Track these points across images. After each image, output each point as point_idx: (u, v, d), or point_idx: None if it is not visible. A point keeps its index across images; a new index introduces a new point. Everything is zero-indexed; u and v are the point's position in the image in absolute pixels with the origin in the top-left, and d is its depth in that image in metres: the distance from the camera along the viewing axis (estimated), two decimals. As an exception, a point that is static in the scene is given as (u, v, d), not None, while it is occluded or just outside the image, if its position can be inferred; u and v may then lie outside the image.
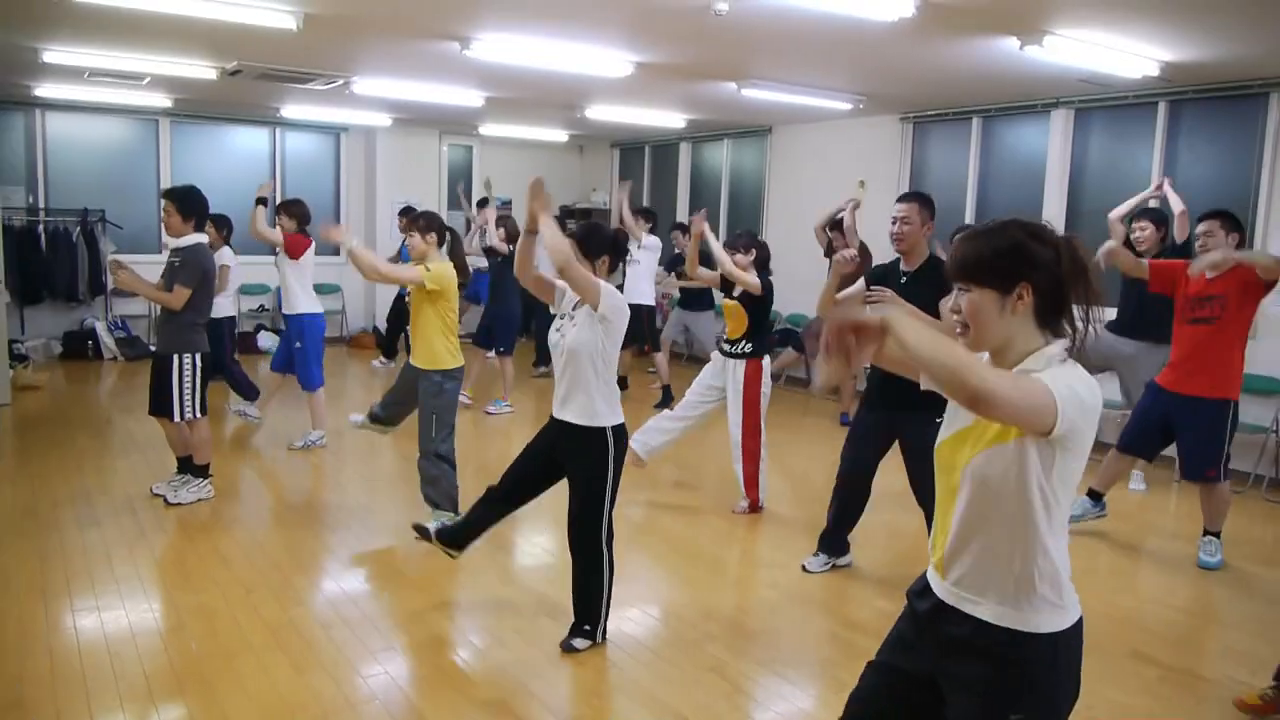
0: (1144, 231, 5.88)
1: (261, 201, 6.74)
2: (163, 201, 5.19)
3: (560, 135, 12.03)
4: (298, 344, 6.54)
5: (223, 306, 7.40)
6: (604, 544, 3.55)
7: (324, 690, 3.32)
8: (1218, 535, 4.87)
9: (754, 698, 3.41)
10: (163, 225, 5.24)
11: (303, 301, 6.57)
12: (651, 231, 8.80)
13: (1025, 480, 1.70)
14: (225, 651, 3.58)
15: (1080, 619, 1.80)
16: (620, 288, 8.74)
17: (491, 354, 7.95)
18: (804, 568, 4.62)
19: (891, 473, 4.50)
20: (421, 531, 4.20)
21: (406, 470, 5.57)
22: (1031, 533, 1.73)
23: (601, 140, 12.87)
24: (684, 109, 9.47)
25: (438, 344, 4.73)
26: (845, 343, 1.58)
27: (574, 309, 3.58)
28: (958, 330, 1.81)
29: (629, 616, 4.00)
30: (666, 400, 8.24)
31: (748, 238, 5.39)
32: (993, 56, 6.15)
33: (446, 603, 4.14)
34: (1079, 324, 1.79)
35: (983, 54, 6.10)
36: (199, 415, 5.21)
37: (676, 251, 9.19)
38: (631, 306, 8.75)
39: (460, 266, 4.84)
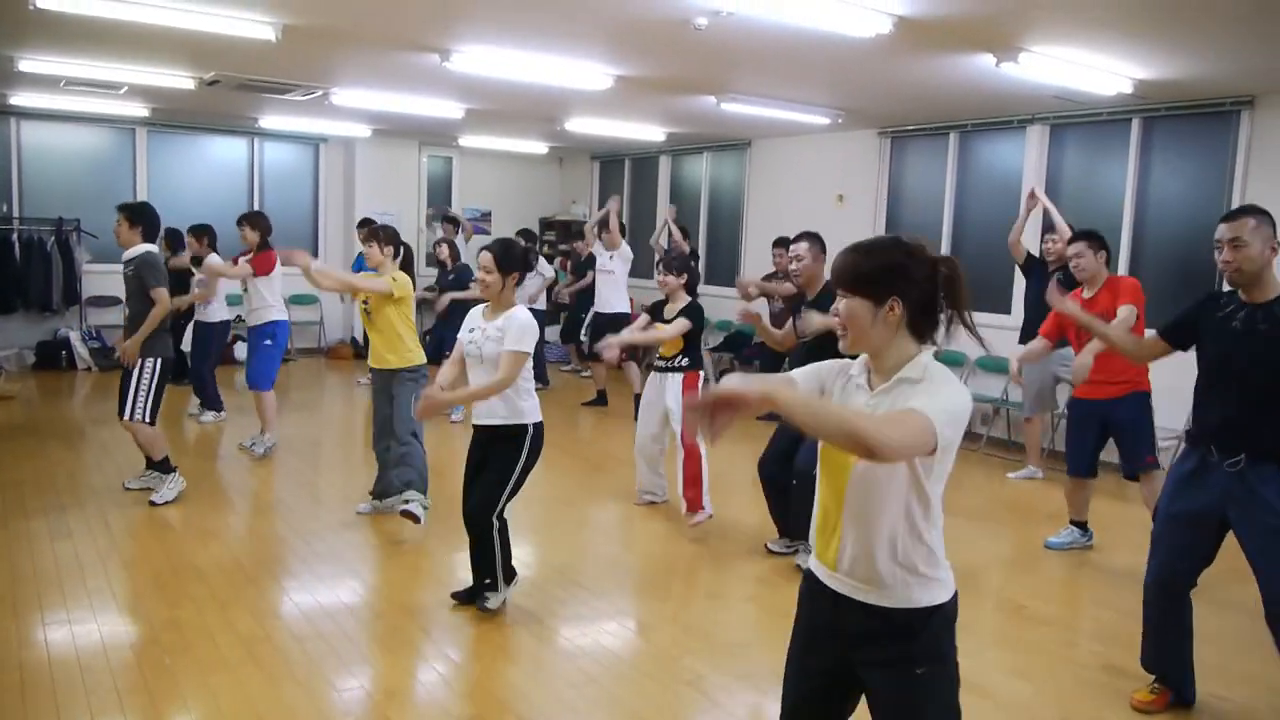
0: (1054, 245, 6.32)
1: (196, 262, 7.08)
2: (115, 216, 5.36)
3: (540, 147, 12.05)
4: (268, 341, 6.58)
5: (217, 311, 7.45)
6: (496, 519, 3.96)
7: (298, 704, 3.29)
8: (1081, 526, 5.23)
9: (732, 712, 3.41)
10: (116, 237, 5.41)
11: (274, 311, 6.63)
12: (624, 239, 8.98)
13: (907, 481, 1.92)
14: (199, 665, 3.54)
15: (955, 591, 2.03)
16: (593, 296, 8.92)
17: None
18: (797, 566, 4.69)
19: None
20: (460, 598, 4.22)
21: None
22: (912, 525, 1.95)
23: (581, 152, 12.89)
24: (664, 122, 9.50)
25: (404, 341, 5.12)
26: (720, 413, 1.69)
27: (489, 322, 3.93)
28: (839, 330, 1.99)
29: (607, 630, 4.00)
30: (602, 401, 8.59)
31: (679, 262, 5.48)
32: (969, 73, 6.21)
33: (422, 615, 4.11)
34: (949, 329, 1.99)
35: (959, 70, 6.17)
36: (147, 420, 5.29)
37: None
38: (606, 315, 8.83)
39: (411, 277, 5.29)
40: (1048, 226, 6.65)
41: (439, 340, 8.06)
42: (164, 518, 5.24)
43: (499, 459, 3.90)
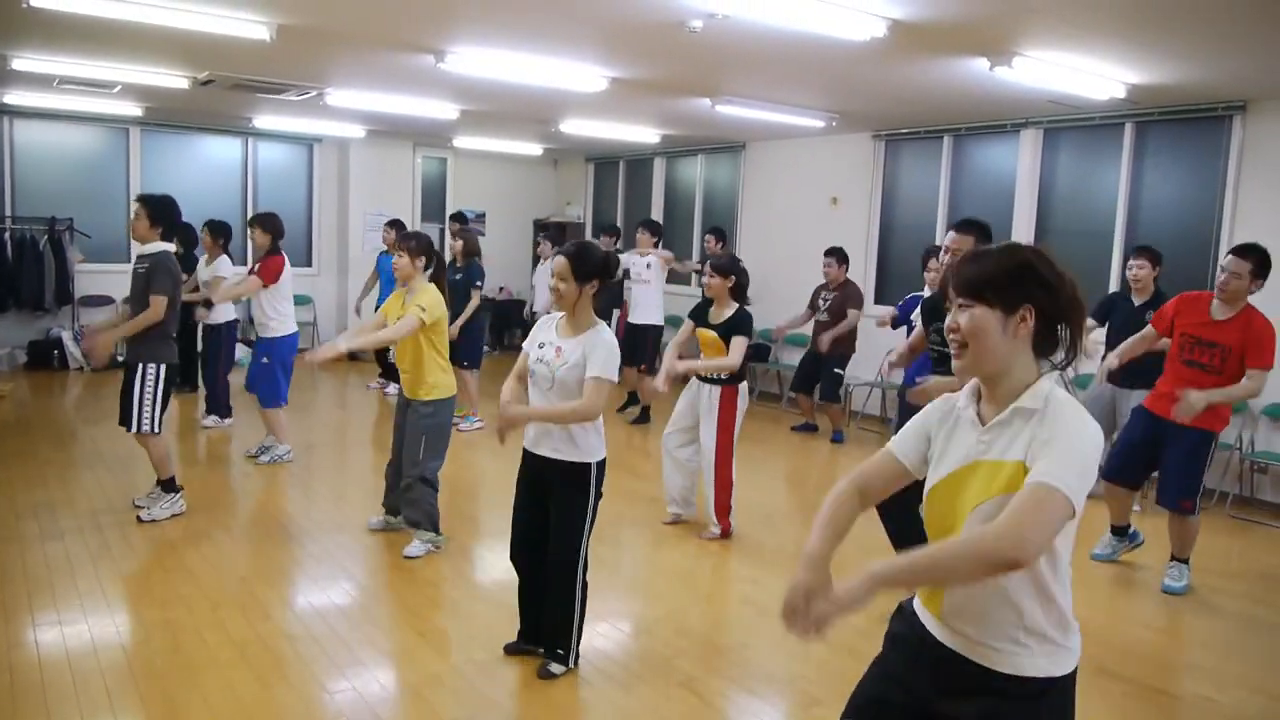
0: (1141, 270, 5.86)
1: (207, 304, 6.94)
2: (134, 205, 5.06)
3: (535, 149, 12.05)
4: (265, 359, 6.38)
5: (225, 310, 7.23)
6: (581, 571, 3.52)
7: (290, 706, 3.28)
8: (1185, 561, 4.82)
9: (726, 714, 3.41)
10: (131, 230, 5.13)
11: (275, 325, 6.38)
12: (658, 246, 8.43)
13: None
14: (190, 666, 3.53)
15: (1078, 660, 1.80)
16: (624, 307, 8.52)
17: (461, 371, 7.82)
18: None
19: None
20: (513, 649, 3.78)
21: (376, 484, 5.52)
22: (1038, 581, 1.72)
23: (576, 154, 12.90)
24: (658, 124, 9.51)
25: (432, 374, 4.69)
26: (814, 612, 1.62)
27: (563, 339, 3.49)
28: (953, 350, 1.78)
29: (600, 632, 3.98)
30: (645, 418, 8.26)
31: (728, 262, 5.14)
32: (963, 77, 6.23)
33: (416, 618, 4.10)
34: (1064, 357, 1.78)
35: (953, 74, 6.18)
36: (156, 431, 5.03)
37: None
38: (639, 327, 8.52)
39: (442, 290, 4.78)
40: (1131, 250, 6.17)
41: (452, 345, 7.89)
42: (157, 520, 5.21)
43: (564, 501, 3.45)
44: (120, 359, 5.20)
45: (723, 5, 4.75)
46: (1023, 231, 7.88)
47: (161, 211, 5.03)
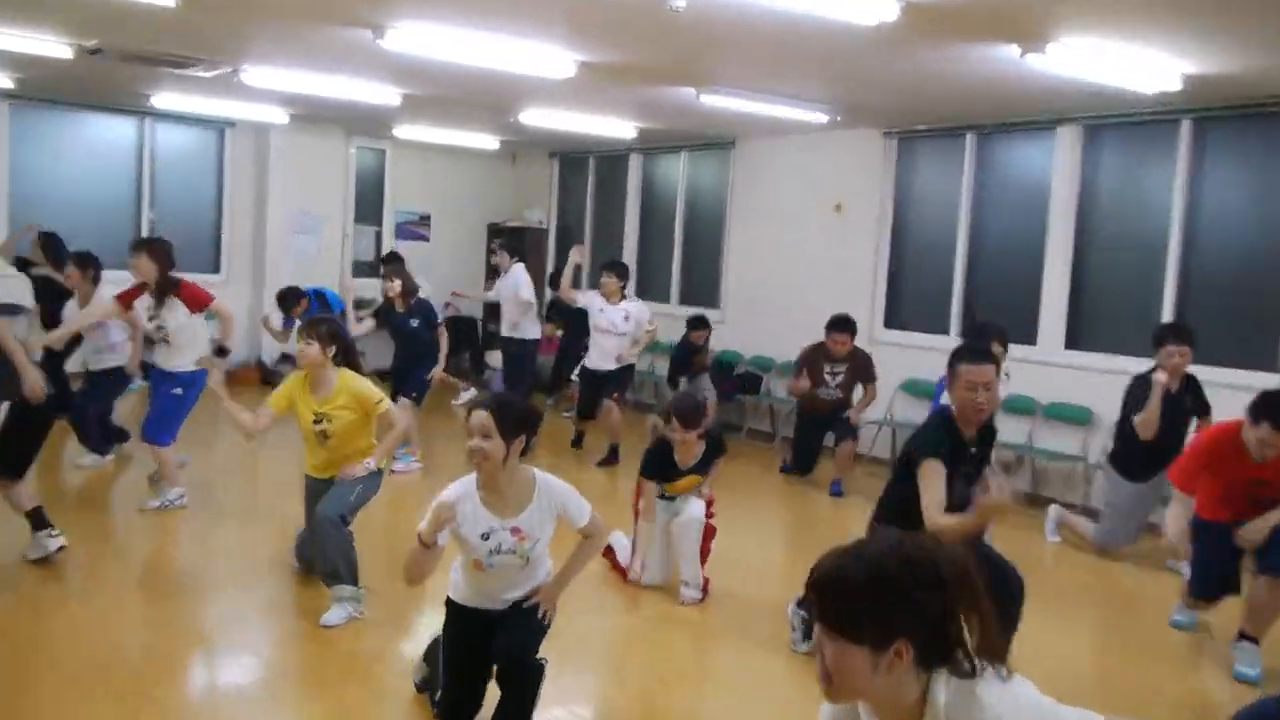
0: (1184, 358, 5.99)
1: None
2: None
3: (490, 142, 12.04)
4: (177, 390, 6.32)
5: (122, 352, 7.06)
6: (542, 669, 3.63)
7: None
8: (1258, 641, 4.77)
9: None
10: None
11: (188, 356, 6.31)
12: (624, 291, 8.55)
13: None
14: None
15: None
16: (585, 351, 8.66)
17: (404, 399, 7.79)
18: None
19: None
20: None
21: (287, 532, 5.46)
22: None
23: (538, 149, 12.91)
24: (635, 116, 9.53)
25: (368, 443, 5.01)
26: None
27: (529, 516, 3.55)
28: (820, 678, 1.75)
29: (553, 716, 3.91)
30: (613, 458, 8.34)
31: (691, 407, 5.25)
32: (989, 66, 6.27)
33: (334, 701, 4.01)
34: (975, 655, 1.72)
35: (978, 63, 6.22)
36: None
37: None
38: (598, 373, 8.54)
39: (359, 371, 5.06)
40: (1168, 334, 6.13)
41: (401, 375, 7.96)
42: (16, 581, 5.03)
43: (522, 618, 3.60)
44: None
45: (710, -23, 4.75)
46: (1059, 245, 7.93)
47: None
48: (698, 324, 9.45)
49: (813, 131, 9.33)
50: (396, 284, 7.89)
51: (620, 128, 10.13)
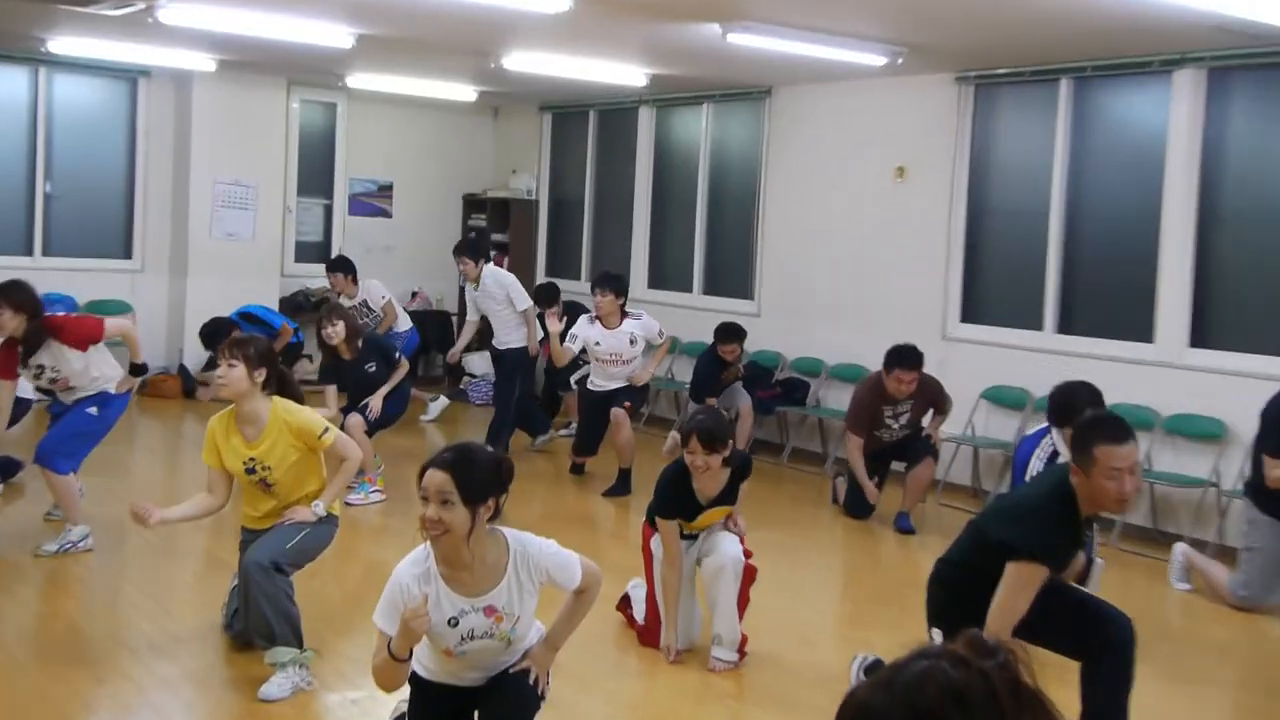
0: None
1: None
2: None
3: (466, 93, 12.05)
4: (91, 409, 6.43)
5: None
6: None
7: None
8: None
9: None
10: None
11: (102, 380, 6.47)
12: (624, 308, 8.57)
13: None
14: None
15: None
16: (585, 374, 8.76)
17: (356, 416, 7.82)
18: None
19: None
20: None
21: (216, 582, 5.47)
22: None
23: (526, 101, 12.90)
24: (646, 60, 9.52)
25: (318, 486, 5.02)
26: None
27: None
28: None
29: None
30: (624, 488, 8.34)
31: (721, 430, 5.20)
32: (1090, -6, 6.25)
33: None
34: None
35: (1076, -10, 6.20)
36: None
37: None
38: (608, 392, 8.57)
39: (298, 399, 5.10)
40: None
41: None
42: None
43: (513, 684, 3.65)
44: None
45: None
46: (1179, 218, 7.88)
47: None
48: (729, 335, 9.28)
49: (868, 77, 9.30)
50: (339, 328, 7.85)
51: (628, 74, 10.10)
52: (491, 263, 9.53)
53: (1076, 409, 5.34)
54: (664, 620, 5.25)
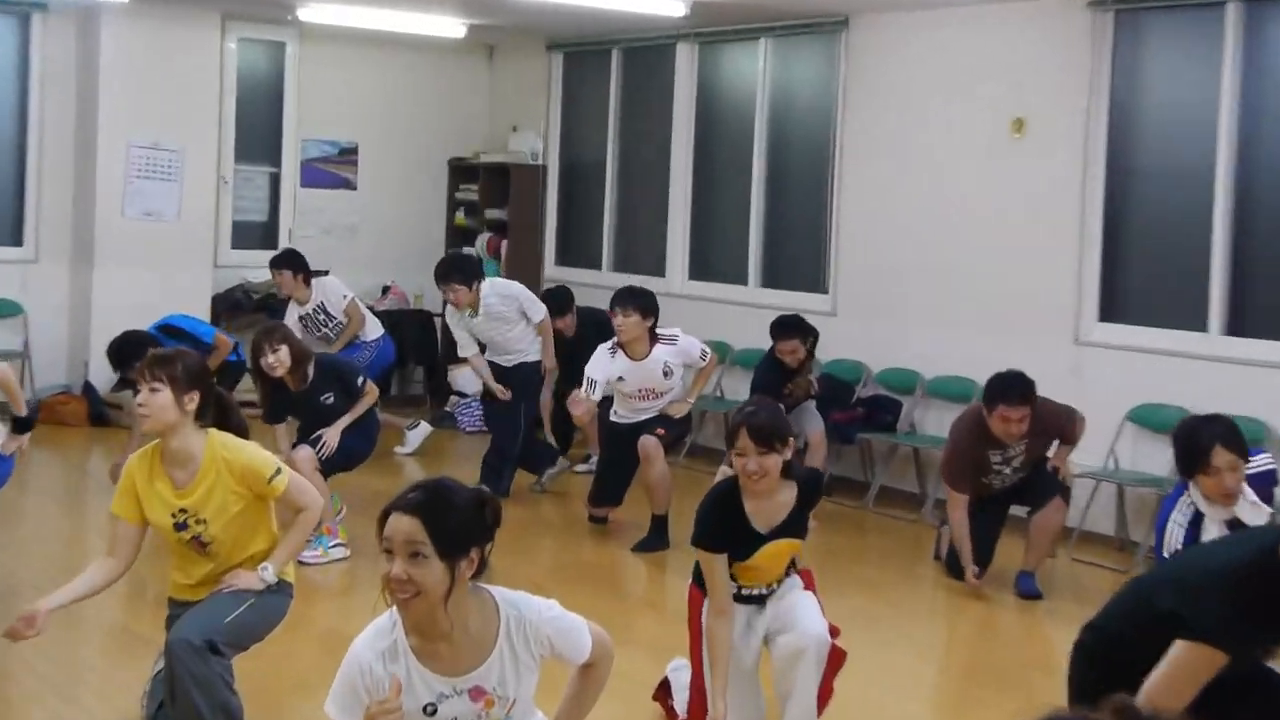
0: None
1: None
2: None
3: (453, 26, 12.06)
4: None
5: None
6: None
7: None
8: None
9: None
10: None
11: None
12: (654, 332, 8.52)
13: None
14: None
15: None
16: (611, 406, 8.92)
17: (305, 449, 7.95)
18: None
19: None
20: None
21: (134, 661, 5.51)
22: None
23: (530, 38, 12.97)
24: (686, -18, 9.49)
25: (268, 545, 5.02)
26: None
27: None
28: None
29: None
30: (659, 538, 8.33)
31: (783, 434, 5.21)
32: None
33: None
34: None
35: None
36: None
37: None
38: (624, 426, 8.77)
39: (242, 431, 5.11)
40: None
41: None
42: None
43: None
44: None
45: None
46: None
47: None
48: (788, 330, 9.23)
49: (976, 3, 9.33)
50: (281, 354, 7.78)
51: (661, 2, 10.09)
52: (486, 282, 9.46)
53: (1202, 451, 5.42)
54: (710, 689, 5.13)
